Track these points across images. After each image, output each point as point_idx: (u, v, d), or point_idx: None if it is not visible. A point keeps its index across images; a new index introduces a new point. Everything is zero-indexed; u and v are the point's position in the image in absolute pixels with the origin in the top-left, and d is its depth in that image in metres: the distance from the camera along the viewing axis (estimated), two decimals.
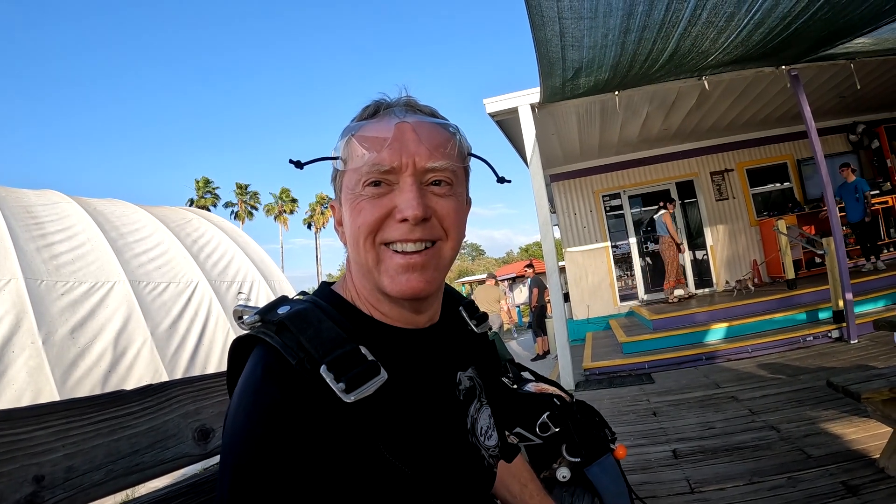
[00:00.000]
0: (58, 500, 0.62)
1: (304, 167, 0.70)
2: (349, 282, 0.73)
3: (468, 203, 0.76)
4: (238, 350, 0.66)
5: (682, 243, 8.38)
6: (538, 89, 5.37)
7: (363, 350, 0.61)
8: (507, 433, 1.00)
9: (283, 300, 0.67)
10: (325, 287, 0.75)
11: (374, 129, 0.65)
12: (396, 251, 0.64)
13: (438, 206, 0.65)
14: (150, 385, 0.79)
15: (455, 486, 0.67)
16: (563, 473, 1.47)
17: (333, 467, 0.55)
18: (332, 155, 0.69)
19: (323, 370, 0.56)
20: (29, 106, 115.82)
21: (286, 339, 0.60)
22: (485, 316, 0.90)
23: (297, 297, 0.71)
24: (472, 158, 0.74)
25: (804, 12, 3.63)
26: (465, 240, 0.74)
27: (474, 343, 0.85)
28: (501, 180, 0.79)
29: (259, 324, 0.63)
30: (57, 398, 4.24)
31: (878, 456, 2.47)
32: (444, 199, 0.66)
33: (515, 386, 1.69)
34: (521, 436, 1.51)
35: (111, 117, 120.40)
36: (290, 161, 0.72)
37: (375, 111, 0.70)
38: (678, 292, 8.28)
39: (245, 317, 0.64)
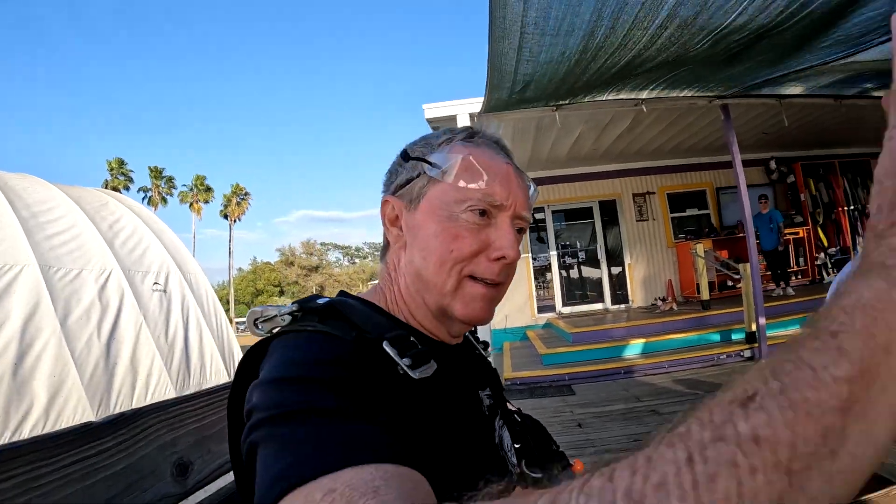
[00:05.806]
0: None
1: (409, 161, 0.70)
2: (385, 291, 0.72)
3: None
4: (256, 356, 0.57)
5: None
6: (479, 99, 5.24)
7: (412, 338, 0.60)
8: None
9: (317, 296, 0.66)
10: (347, 295, 0.72)
11: (490, 160, 0.66)
12: (477, 280, 0.65)
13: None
14: (122, 414, 0.71)
15: None
16: None
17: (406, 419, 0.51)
18: (430, 160, 0.67)
19: (385, 344, 0.56)
20: None
21: (334, 326, 0.57)
22: (486, 343, 0.92)
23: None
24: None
25: (746, 49, 3.74)
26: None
27: (485, 366, 0.85)
28: None
29: (299, 313, 0.61)
30: None
31: None
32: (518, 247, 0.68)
33: None
34: None
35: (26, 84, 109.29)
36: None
37: (471, 134, 0.71)
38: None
39: (271, 313, 0.61)
